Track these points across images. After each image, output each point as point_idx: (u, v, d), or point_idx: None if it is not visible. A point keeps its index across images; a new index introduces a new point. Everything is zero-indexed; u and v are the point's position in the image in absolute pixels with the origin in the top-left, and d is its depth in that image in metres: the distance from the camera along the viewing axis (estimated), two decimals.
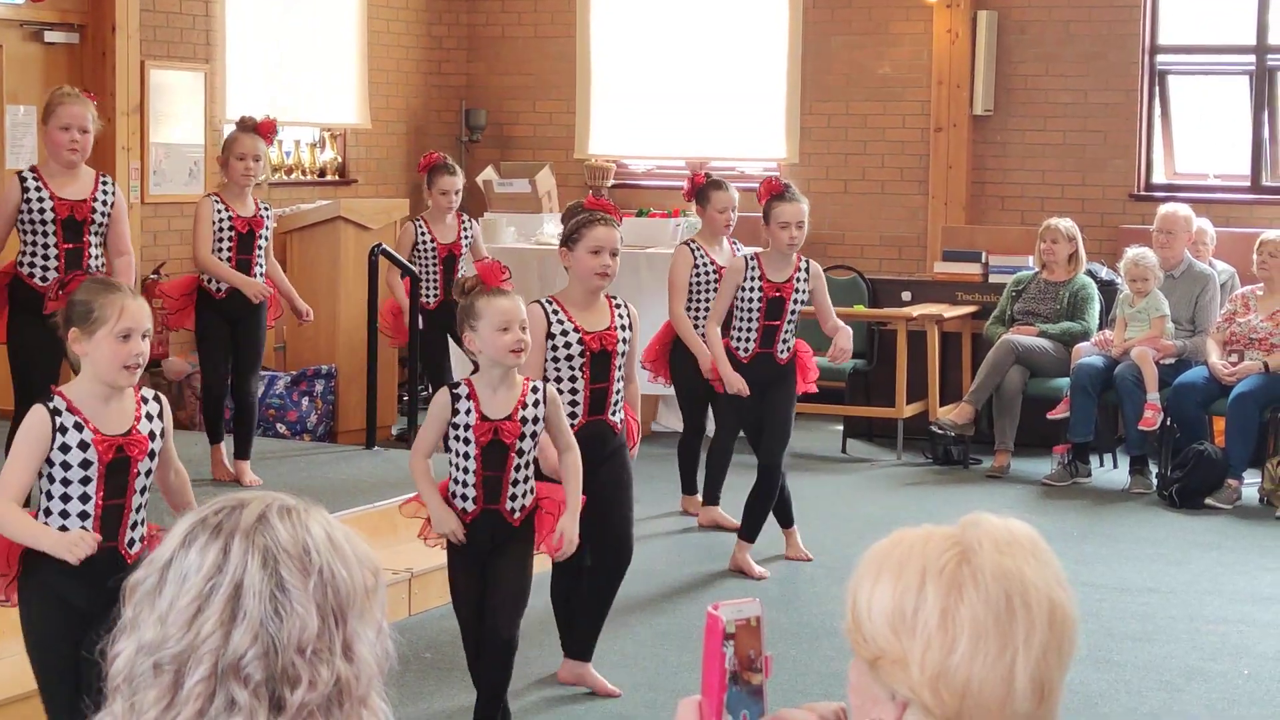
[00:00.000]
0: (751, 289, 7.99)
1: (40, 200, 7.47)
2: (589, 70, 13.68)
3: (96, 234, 7.58)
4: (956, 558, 2.04)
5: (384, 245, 9.71)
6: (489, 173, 13.25)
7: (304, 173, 12.92)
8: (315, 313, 9.16)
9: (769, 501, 8.25)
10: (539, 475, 5.81)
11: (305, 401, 10.53)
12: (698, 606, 7.61)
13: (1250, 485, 9.97)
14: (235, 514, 2.01)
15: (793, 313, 8.05)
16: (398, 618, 7.20)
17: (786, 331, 8.06)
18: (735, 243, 9.13)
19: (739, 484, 8.60)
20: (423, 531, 5.84)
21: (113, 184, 7.71)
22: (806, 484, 10.30)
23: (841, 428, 11.60)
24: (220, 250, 8.29)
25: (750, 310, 8.01)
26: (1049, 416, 10.55)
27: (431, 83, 13.91)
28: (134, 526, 4.85)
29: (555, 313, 6.19)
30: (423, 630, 7.16)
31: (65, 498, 4.72)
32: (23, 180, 7.54)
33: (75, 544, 4.59)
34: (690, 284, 8.78)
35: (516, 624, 5.71)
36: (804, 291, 8.06)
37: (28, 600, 4.81)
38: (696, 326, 8.56)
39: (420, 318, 9.67)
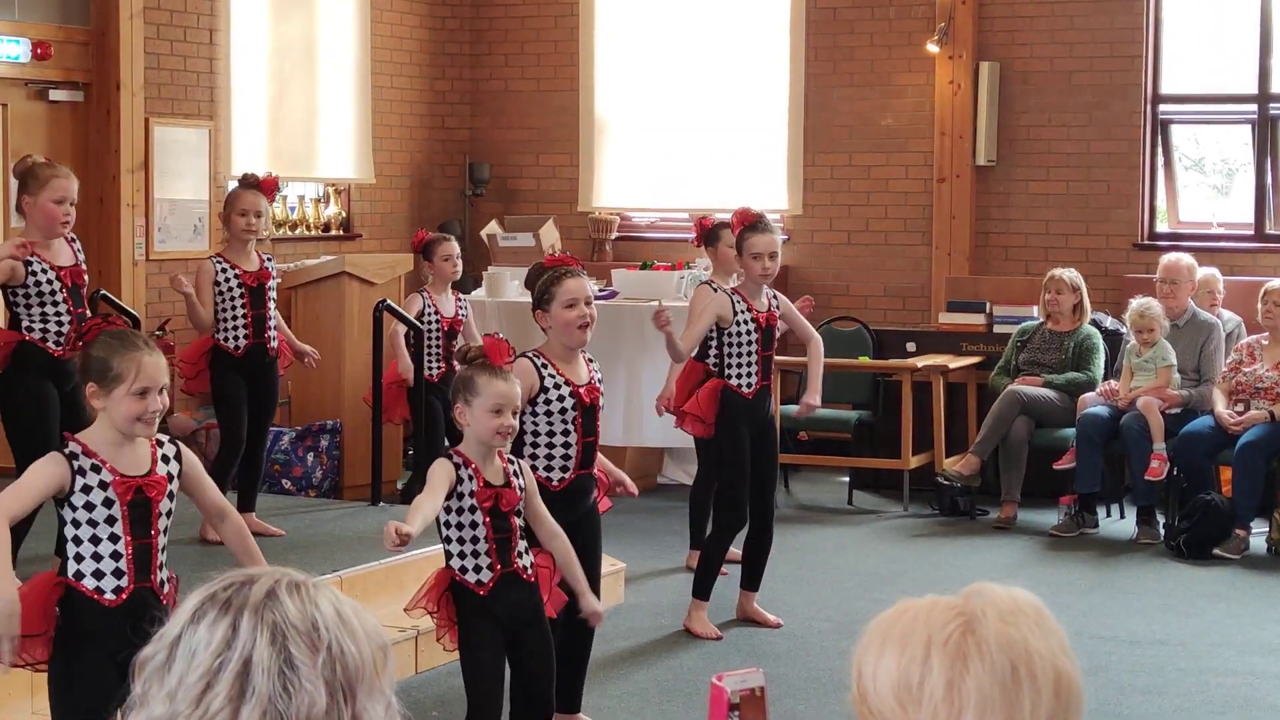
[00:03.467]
0: (744, 322, 7.88)
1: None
2: (592, 124, 13.73)
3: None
4: (961, 628, 2.04)
5: (388, 300, 9.71)
6: (493, 227, 13.28)
7: (308, 228, 12.96)
8: (321, 367, 9.19)
9: (768, 547, 8.23)
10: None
11: (310, 457, 10.53)
12: (705, 662, 7.60)
13: (1258, 534, 9.96)
14: (244, 590, 2.02)
15: (776, 339, 8.09)
16: (405, 676, 7.18)
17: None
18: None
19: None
20: (424, 602, 5.65)
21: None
22: (813, 536, 10.30)
23: (847, 479, 11.61)
24: (234, 307, 8.39)
25: (749, 343, 7.89)
26: (1055, 467, 10.54)
27: (435, 137, 13.96)
28: (161, 567, 4.92)
29: (544, 366, 6.16)
30: (430, 688, 7.14)
31: (95, 539, 4.78)
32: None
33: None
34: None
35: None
36: (778, 318, 8.06)
37: (70, 657, 4.77)
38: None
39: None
